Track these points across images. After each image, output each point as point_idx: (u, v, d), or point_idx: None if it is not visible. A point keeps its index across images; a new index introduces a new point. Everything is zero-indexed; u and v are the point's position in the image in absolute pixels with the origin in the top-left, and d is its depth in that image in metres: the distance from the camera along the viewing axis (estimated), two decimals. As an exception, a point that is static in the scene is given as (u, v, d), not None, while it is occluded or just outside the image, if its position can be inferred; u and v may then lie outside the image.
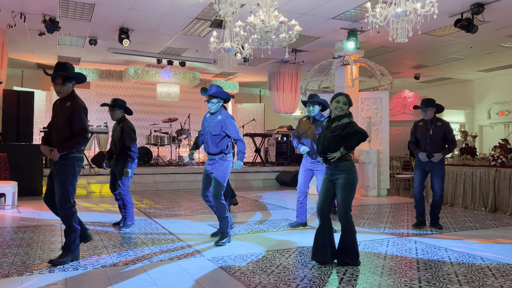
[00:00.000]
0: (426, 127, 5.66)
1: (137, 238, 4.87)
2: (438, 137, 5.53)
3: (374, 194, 9.19)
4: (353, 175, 3.85)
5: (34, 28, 8.97)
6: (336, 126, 3.88)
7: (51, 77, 3.84)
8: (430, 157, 5.54)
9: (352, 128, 3.81)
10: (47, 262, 3.85)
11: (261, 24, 5.85)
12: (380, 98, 9.61)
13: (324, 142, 3.92)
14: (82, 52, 11.41)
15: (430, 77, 14.49)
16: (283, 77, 12.48)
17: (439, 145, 5.54)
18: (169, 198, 8.68)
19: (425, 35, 9.32)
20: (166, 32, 9.48)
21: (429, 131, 5.58)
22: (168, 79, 13.12)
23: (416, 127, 5.82)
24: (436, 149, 5.52)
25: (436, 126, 5.58)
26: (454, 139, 5.56)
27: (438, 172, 5.55)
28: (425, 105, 5.60)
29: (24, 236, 4.96)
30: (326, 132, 3.94)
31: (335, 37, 9.73)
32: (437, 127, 5.56)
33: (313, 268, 3.68)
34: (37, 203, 7.71)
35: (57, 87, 3.83)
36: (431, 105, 5.59)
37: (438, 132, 5.54)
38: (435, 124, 5.60)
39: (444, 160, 5.61)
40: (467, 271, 3.64)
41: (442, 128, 5.55)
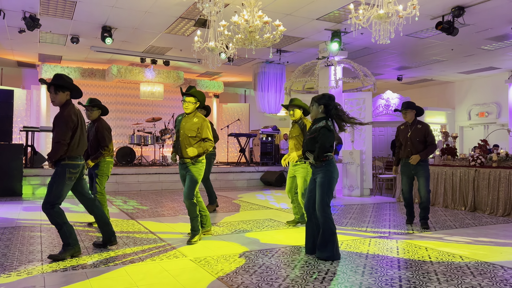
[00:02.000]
0: (406, 130, 5.77)
1: (119, 239, 4.81)
2: (418, 139, 5.61)
3: (357, 194, 9.28)
4: (330, 174, 3.97)
5: (14, 25, 8.78)
6: (314, 129, 4.05)
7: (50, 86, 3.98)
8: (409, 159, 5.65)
9: (319, 135, 3.96)
10: (47, 257, 3.94)
11: (245, 24, 5.85)
12: (363, 99, 9.71)
13: (305, 143, 4.13)
14: (63, 50, 11.22)
15: (413, 79, 14.71)
16: (267, 77, 12.50)
17: (419, 148, 5.61)
18: (152, 198, 8.60)
19: (407, 37, 9.45)
20: (150, 31, 9.40)
21: (409, 134, 5.68)
22: (152, 78, 13.02)
23: (399, 131, 5.94)
24: (416, 151, 5.59)
25: (416, 129, 5.67)
26: (434, 141, 5.64)
27: (422, 174, 5.63)
28: (405, 108, 5.72)
29: (2, 237, 4.85)
30: (308, 134, 4.13)
31: (319, 38, 9.79)
32: (417, 130, 5.65)
33: (295, 268, 3.69)
34: (16, 204, 7.55)
35: (51, 96, 4.01)
36: (411, 108, 5.71)
37: (417, 135, 5.62)
38: (415, 126, 5.70)
39: (427, 161, 5.68)
40: (446, 269, 3.70)
41: (422, 130, 5.63)
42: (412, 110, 5.72)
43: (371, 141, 9.65)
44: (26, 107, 12.94)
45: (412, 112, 5.73)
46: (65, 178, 3.93)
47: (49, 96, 13.26)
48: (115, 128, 14.04)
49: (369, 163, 9.53)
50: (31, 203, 7.73)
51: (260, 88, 12.54)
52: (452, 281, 3.36)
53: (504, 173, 6.70)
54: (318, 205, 3.96)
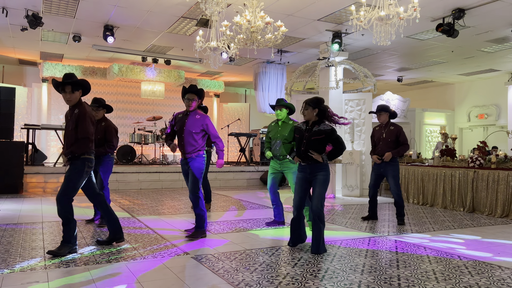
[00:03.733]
0: (380, 131, 6.18)
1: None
2: (390, 139, 5.99)
3: (356, 193, 9.32)
4: (329, 172, 4.33)
5: (16, 23, 8.82)
6: (319, 131, 4.25)
7: (60, 86, 4.07)
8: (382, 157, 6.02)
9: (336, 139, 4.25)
10: (46, 252, 3.97)
11: (247, 25, 5.89)
12: (363, 100, 9.75)
13: (309, 143, 4.25)
14: (65, 49, 11.25)
15: (413, 80, 14.76)
16: (268, 77, 12.54)
17: (392, 147, 5.98)
18: (152, 197, 8.64)
19: (408, 38, 9.50)
20: (152, 30, 9.44)
21: (383, 134, 6.08)
22: (153, 77, 13.06)
23: (374, 131, 6.33)
24: (389, 150, 5.97)
25: (389, 130, 6.06)
26: (406, 141, 5.99)
27: (391, 173, 5.98)
28: (379, 110, 6.13)
29: (4, 234, 4.89)
30: (309, 135, 4.26)
31: (320, 39, 9.84)
32: (390, 131, 6.04)
33: (295, 266, 3.73)
34: (18, 201, 7.58)
35: (66, 96, 4.08)
36: (384, 110, 6.11)
37: (390, 135, 6.00)
38: (388, 128, 6.08)
39: (396, 160, 6.02)
40: (445, 268, 3.74)
41: (395, 131, 6.01)
42: (386, 113, 6.10)
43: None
44: (27, 105, 12.98)
45: (386, 115, 6.11)
46: (84, 172, 4.08)
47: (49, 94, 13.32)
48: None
49: (368, 164, 9.56)
50: (32, 200, 7.77)
51: (260, 88, 12.59)
52: (450, 280, 3.40)
53: (503, 175, 6.74)
54: (320, 201, 4.18)
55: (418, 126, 14.61)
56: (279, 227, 5.58)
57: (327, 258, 4.02)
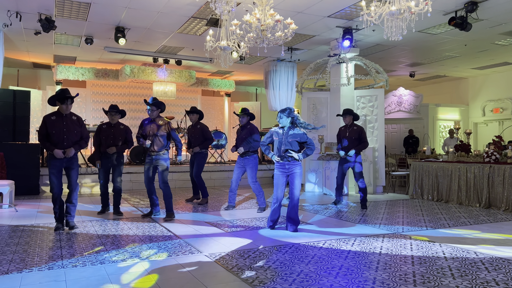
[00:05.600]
0: (345, 130, 7.29)
1: (135, 236, 4.91)
2: (353, 137, 7.13)
3: (369, 191, 9.26)
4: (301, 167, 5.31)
5: (30, 27, 8.96)
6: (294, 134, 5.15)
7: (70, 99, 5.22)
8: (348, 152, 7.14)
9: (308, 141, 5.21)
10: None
11: (257, 23, 5.89)
12: (375, 96, 9.67)
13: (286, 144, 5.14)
14: (78, 51, 11.40)
15: (425, 75, 14.58)
16: (279, 75, 12.51)
17: (355, 144, 7.12)
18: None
19: (420, 33, 9.39)
20: (162, 31, 9.50)
21: (347, 133, 7.21)
22: (164, 77, 13.14)
23: (340, 131, 7.44)
24: (353, 147, 7.12)
25: (352, 130, 7.21)
26: (366, 140, 7.15)
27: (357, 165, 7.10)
28: (345, 114, 7.30)
29: (22, 234, 4.98)
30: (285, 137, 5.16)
31: (330, 35, 9.78)
32: (353, 130, 7.19)
33: (309, 264, 3.73)
34: (34, 202, 7.72)
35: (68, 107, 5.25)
36: (349, 114, 7.28)
37: (353, 134, 7.16)
38: (352, 128, 7.23)
39: (360, 156, 7.14)
40: (461, 265, 3.70)
41: (357, 131, 7.16)
42: (350, 115, 7.25)
43: (384, 138, 9.60)
44: (42, 108, 13.17)
45: (350, 117, 7.26)
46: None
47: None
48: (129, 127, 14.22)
49: (381, 160, 9.49)
50: (48, 201, 7.89)
51: (271, 86, 12.57)
52: (466, 277, 3.37)
53: (519, 169, 6.62)
54: (298, 189, 5.19)
55: (432, 122, 14.43)
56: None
57: (340, 256, 4.01)
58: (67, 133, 5.20)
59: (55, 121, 5.21)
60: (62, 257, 3.97)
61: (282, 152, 5.13)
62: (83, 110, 13.69)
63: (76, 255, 4.02)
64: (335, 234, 5.02)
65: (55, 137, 5.16)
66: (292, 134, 5.13)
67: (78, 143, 5.29)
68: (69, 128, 5.22)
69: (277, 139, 5.20)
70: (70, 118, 5.29)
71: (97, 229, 5.28)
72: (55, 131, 5.17)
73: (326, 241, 4.64)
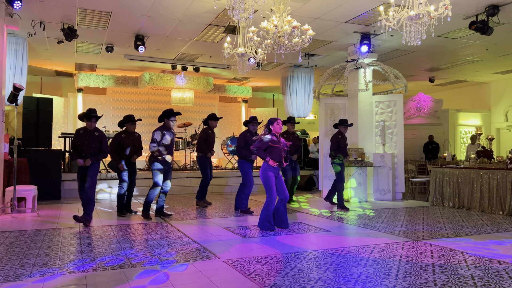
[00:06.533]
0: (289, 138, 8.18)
1: (154, 240, 4.96)
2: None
3: (389, 198, 9.14)
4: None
5: (53, 36, 9.20)
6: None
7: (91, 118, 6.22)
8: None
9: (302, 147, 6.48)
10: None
11: (274, 30, 5.91)
12: (394, 101, 9.57)
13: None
14: (98, 59, 11.64)
15: (445, 80, 14.36)
16: (296, 81, 12.51)
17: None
18: (183, 202, 8.77)
19: (439, 37, 9.26)
20: (181, 38, 9.63)
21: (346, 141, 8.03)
22: (183, 84, 13.28)
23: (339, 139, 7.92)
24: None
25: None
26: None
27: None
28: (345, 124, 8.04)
29: (45, 238, 5.09)
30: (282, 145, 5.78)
31: (348, 41, 9.74)
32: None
33: (327, 271, 3.70)
34: (56, 207, 7.88)
35: (92, 125, 6.26)
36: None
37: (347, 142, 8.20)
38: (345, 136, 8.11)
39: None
40: (484, 274, 3.61)
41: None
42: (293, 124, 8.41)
43: (403, 144, 9.47)
44: (64, 114, 13.48)
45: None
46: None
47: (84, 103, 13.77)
48: (147, 134, 14.38)
49: (401, 167, 9.36)
50: (69, 206, 8.05)
51: (288, 92, 12.57)
52: (489, 286, 3.28)
53: (545, 176, 6.44)
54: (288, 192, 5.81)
55: (452, 127, 14.17)
56: (311, 232, 5.55)
57: (359, 263, 3.96)
58: (87, 146, 6.19)
59: (81, 135, 6.27)
60: (83, 261, 4.04)
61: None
62: (104, 117, 13.94)
63: (96, 260, 4.08)
64: (354, 241, 4.96)
65: (78, 148, 6.21)
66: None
67: (96, 156, 6.22)
68: (89, 142, 6.22)
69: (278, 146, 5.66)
70: (93, 133, 6.29)
71: (116, 234, 5.35)
72: (79, 143, 6.22)
73: (345, 248, 4.60)
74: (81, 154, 6.16)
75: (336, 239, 5.07)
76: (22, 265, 3.90)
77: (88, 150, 6.15)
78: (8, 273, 3.64)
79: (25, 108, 9.18)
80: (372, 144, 9.73)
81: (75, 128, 13.26)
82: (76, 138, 6.26)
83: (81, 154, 6.17)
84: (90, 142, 6.21)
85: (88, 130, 6.27)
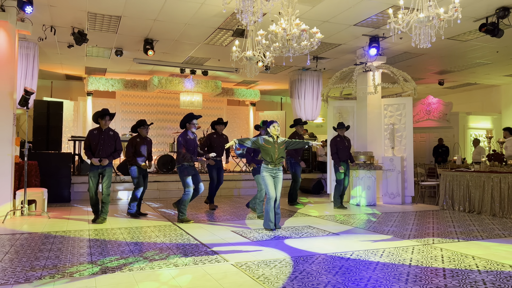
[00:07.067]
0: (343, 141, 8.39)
1: (163, 243, 4.97)
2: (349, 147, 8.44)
3: (398, 201, 9.07)
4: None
5: (63, 40, 9.32)
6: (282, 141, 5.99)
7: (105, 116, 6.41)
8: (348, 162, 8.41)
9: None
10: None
11: (283, 33, 5.92)
12: (403, 104, 9.52)
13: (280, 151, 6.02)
14: (108, 63, 11.75)
15: (455, 83, 14.24)
16: (304, 85, 12.51)
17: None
18: (192, 204, 8.79)
19: (449, 40, 9.20)
20: (189, 42, 9.68)
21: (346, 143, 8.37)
22: (191, 88, 13.35)
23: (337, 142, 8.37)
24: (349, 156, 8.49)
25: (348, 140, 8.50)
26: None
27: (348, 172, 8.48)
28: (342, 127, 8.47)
29: (55, 240, 5.13)
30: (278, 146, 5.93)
31: (356, 44, 9.72)
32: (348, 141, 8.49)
33: (336, 274, 3.68)
34: (66, 210, 7.94)
35: (107, 123, 6.44)
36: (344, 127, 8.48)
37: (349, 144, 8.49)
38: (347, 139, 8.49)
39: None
40: (495, 278, 3.56)
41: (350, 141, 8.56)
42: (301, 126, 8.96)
43: (412, 147, 9.40)
44: (74, 118, 13.61)
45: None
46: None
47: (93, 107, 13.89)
48: (156, 137, 14.49)
49: (410, 170, 9.29)
50: (78, 209, 8.11)
51: (296, 95, 12.57)
52: (502, 291, 3.24)
53: (557, 180, 6.35)
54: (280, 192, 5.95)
55: (462, 131, 14.05)
56: (318, 236, 5.52)
57: (369, 267, 3.93)
58: (103, 145, 6.34)
59: (96, 135, 6.39)
60: (92, 263, 4.06)
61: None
62: (113, 120, 14.04)
63: (106, 262, 4.11)
64: (363, 245, 4.93)
65: (94, 148, 6.33)
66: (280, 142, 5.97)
67: (112, 155, 6.41)
68: (105, 141, 6.38)
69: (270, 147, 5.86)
70: (108, 133, 6.44)
71: (125, 236, 5.38)
72: (95, 143, 6.33)
73: (354, 252, 4.57)
74: (97, 153, 6.31)
75: (345, 243, 5.04)
76: (32, 267, 3.93)
77: (105, 150, 6.34)
78: (19, 275, 3.68)
79: (36, 112, 9.29)
80: (381, 147, 9.68)
81: (84, 132, 13.40)
82: (91, 138, 6.35)
83: (96, 153, 6.31)
84: (106, 141, 6.38)
85: (103, 130, 6.42)
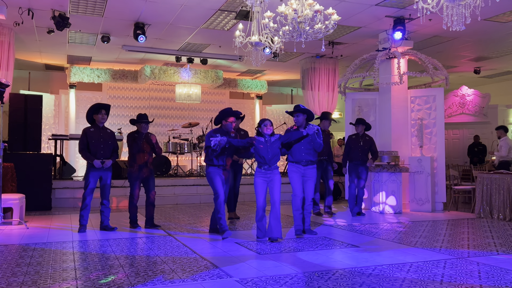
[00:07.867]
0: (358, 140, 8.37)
1: (157, 257, 5.00)
2: (366, 147, 8.34)
3: (427, 208, 9.04)
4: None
5: (43, 25, 9.39)
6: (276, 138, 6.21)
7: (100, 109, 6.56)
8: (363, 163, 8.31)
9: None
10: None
11: (293, 14, 5.91)
12: (433, 97, 9.48)
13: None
14: (93, 51, 11.82)
15: (493, 71, 14.16)
16: (318, 74, 12.49)
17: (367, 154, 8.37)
18: (190, 212, 8.82)
19: (486, 21, 9.15)
20: (186, 26, 9.71)
21: (360, 143, 8.32)
22: (188, 79, 13.39)
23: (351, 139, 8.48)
24: (366, 157, 8.34)
25: (365, 140, 8.37)
26: (377, 150, 8.50)
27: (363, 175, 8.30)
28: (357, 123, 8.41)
29: (34, 254, 5.18)
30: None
31: (378, 27, 9.69)
32: (366, 141, 8.37)
33: (356, 292, 3.67)
34: (46, 218, 8.00)
35: (104, 117, 6.54)
36: (361, 123, 8.39)
37: (366, 145, 8.35)
38: (364, 138, 8.38)
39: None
40: (542, 298, 3.54)
41: (370, 141, 8.39)
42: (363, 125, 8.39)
43: (444, 146, 9.37)
44: (55, 114, 13.71)
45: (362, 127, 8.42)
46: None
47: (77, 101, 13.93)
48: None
49: (441, 172, 9.25)
50: (61, 217, 8.17)
51: (309, 86, 12.56)
52: (549, 312, 3.21)
53: None
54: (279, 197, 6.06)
55: (502, 126, 13.93)
56: (334, 248, 5.52)
57: (394, 284, 3.92)
58: (103, 144, 6.48)
59: (93, 133, 6.48)
60: (77, 279, 4.09)
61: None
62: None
63: (92, 278, 4.13)
64: (387, 259, 4.92)
65: (93, 148, 6.40)
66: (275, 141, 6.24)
67: (112, 156, 6.57)
68: (105, 139, 6.51)
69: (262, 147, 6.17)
70: (106, 131, 6.61)
71: (114, 249, 5.41)
72: (94, 141, 6.41)
73: (376, 266, 4.56)
74: (97, 154, 6.42)
75: (366, 256, 5.03)
76: (9, 283, 3.97)
77: (105, 149, 6.49)
78: (-6, 292, 3.71)
79: (12, 107, 9.33)
80: (408, 146, 9.64)
81: (67, 129, 13.50)
82: (89, 137, 6.43)
83: (96, 154, 6.41)
84: (106, 139, 6.52)
85: (100, 128, 6.57)
